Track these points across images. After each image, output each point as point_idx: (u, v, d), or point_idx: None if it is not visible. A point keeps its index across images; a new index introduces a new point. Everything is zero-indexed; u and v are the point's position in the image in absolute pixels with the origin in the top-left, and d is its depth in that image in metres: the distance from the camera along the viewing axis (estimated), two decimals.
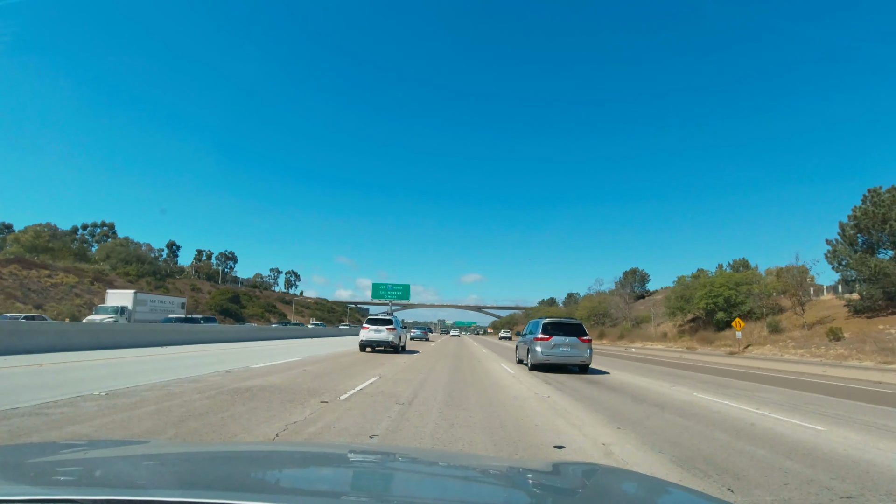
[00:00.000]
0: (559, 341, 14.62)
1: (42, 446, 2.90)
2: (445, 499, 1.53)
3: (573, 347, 14.64)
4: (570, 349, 14.63)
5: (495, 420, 6.69)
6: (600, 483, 1.85)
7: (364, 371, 12.59)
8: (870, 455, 5.39)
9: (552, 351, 14.57)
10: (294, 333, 42.25)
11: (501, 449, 5.16)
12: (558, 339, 14.66)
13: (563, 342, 14.63)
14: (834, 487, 4.18)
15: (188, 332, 24.93)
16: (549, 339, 14.65)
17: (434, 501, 1.46)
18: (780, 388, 12.48)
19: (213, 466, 1.74)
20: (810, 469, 4.74)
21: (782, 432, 6.51)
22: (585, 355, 14.66)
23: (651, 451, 5.21)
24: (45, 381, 8.54)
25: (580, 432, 6.11)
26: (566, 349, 14.61)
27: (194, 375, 9.97)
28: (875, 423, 7.40)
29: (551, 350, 14.57)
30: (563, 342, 14.63)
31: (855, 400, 10.43)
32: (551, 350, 14.57)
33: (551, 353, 14.55)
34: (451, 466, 2.11)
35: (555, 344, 14.60)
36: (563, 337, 14.69)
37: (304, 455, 2.28)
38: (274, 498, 1.29)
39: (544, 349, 14.58)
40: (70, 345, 15.42)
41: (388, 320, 22.34)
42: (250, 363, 13.51)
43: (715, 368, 19.53)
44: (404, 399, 8.10)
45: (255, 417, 6.08)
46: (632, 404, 8.70)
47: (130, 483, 1.44)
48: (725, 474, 4.43)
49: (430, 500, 1.47)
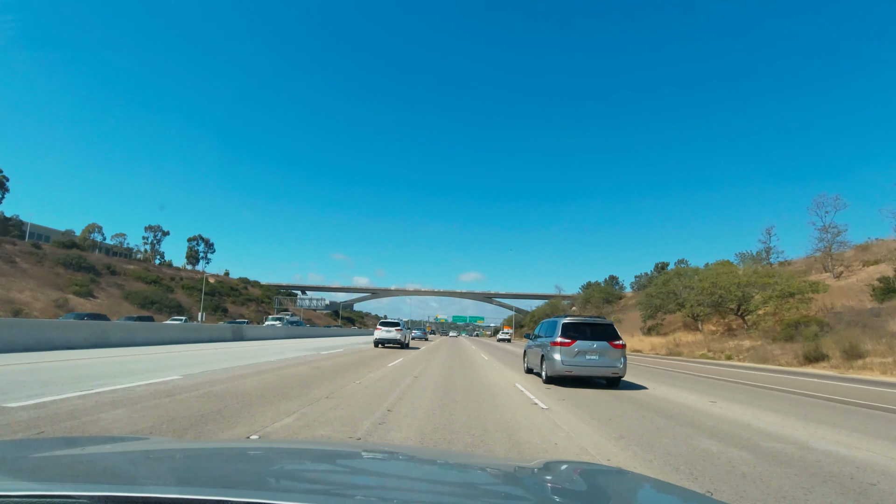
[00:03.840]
0: (584, 347, 11.26)
1: (40, 441, 2.88)
2: (444, 499, 1.49)
3: (602, 355, 11.27)
4: (599, 357, 11.26)
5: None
6: (597, 483, 1.79)
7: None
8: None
9: (575, 360, 11.20)
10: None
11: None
12: (583, 343, 11.29)
13: (589, 348, 11.26)
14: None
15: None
16: (572, 343, 11.28)
17: (432, 501, 1.42)
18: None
19: (212, 463, 1.74)
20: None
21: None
22: (618, 365, 11.29)
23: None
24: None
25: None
26: (593, 357, 11.25)
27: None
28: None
29: (574, 358, 11.20)
30: (589, 348, 11.26)
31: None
32: (574, 358, 11.20)
33: (574, 363, 11.18)
34: (447, 465, 2.04)
35: (579, 350, 11.24)
36: (590, 342, 11.33)
37: (302, 452, 2.26)
38: (272, 495, 1.19)
39: (565, 357, 11.22)
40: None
41: (396, 323, 27.35)
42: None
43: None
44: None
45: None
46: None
47: (129, 479, 1.40)
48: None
49: (428, 500, 1.42)
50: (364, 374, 12.17)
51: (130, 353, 14.92)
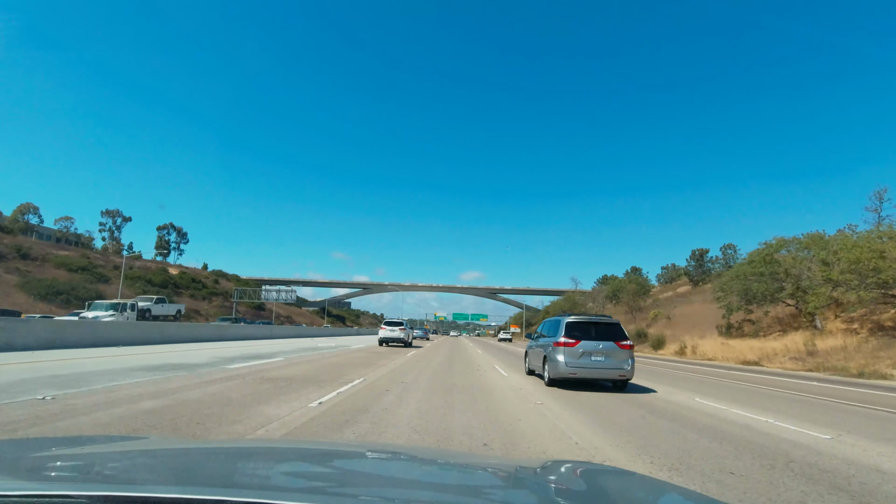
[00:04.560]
0: (589, 347, 10.57)
1: (39, 441, 2.83)
2: (445, 498, 1.46)
3: (609, 356, 10.58)
4: (605, 358, 10.56)
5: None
6: (599, 483, 1.75)
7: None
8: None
9: (580, 361, 10.51)
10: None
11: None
12: (588, 344, 10.60)
13: (594, 349, 10.57)
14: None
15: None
16: (576, 344, 10.59)
17: (433, 501, 1.38)
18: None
19: (211, 463, 1.72)
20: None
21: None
22: (625, 367, 10.60)
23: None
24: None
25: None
26: (599, 358, 10.55)
27: None
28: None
29: (579, 360, 10.51)
30: (594, 349, 10.57)
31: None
32: (579, 360, 10.51)
33: (578, 364, 10.49)
34: (447, 465, 2.00)
35: (583, 351, 10.54)
36: (595, 342, 10.64)
37: (303, 452, 2.22)
38: (272, 495, 1.16)
39: (569, 358, 10.52)
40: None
41: (400, 323, 28.36)
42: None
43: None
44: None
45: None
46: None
47: (128, 479, 1.40)
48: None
49: (428, 500, 1.38)
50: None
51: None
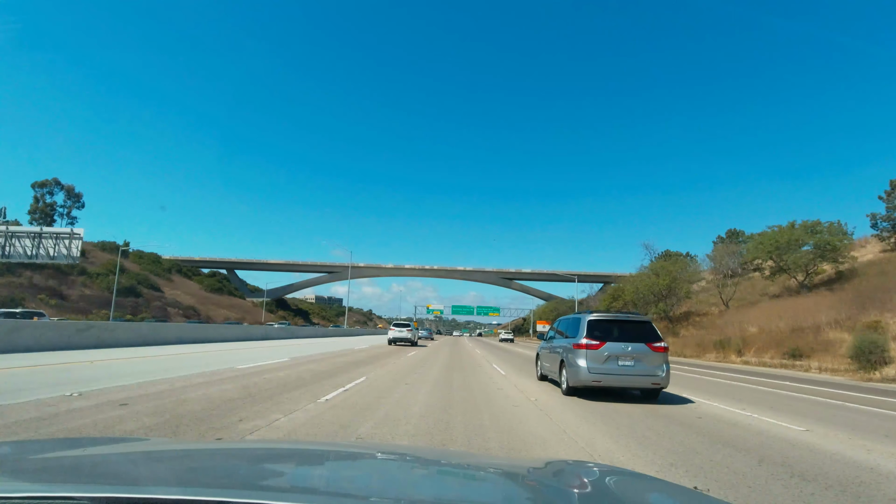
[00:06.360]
0: (616, 350, 8.92)
1: (41, 443, 2.84)
2: (447, 497, 1.50)
3: (639, 361, 8.92)
4: (635, 363, 8.91)
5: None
6: (601, 482, 1.73)
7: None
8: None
9: (605, 366, 8.87)
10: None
11: None
12: (615, 346, 8.96)
13: (622, 352, 8.92)
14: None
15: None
16: (600, 346, 8.96)
17: (432, 500, 1.41)
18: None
19: (213, 464, 1.71)
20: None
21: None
22: (659, 374, 8.93)
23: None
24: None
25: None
26: (628, 363, 8.90)
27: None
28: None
29: (604, 365, 8.88)
30: (622, 352, 8.92)
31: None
32: (604, 365, 8.88)
33: (603, 370, 8.86)
34: (448, 465, 2.01)
35: (609, 355, 8.90)
36: (623, 344, 8.99)
37: (303, 452, 2.23)
38: (273, 496, 1.18)
39: (592, 363, 8.90)
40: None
41: (407, 324, 34.16)
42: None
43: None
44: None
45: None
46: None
47: (130, 480, 1.37)
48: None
49: (427, 499, 1.40)
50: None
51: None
